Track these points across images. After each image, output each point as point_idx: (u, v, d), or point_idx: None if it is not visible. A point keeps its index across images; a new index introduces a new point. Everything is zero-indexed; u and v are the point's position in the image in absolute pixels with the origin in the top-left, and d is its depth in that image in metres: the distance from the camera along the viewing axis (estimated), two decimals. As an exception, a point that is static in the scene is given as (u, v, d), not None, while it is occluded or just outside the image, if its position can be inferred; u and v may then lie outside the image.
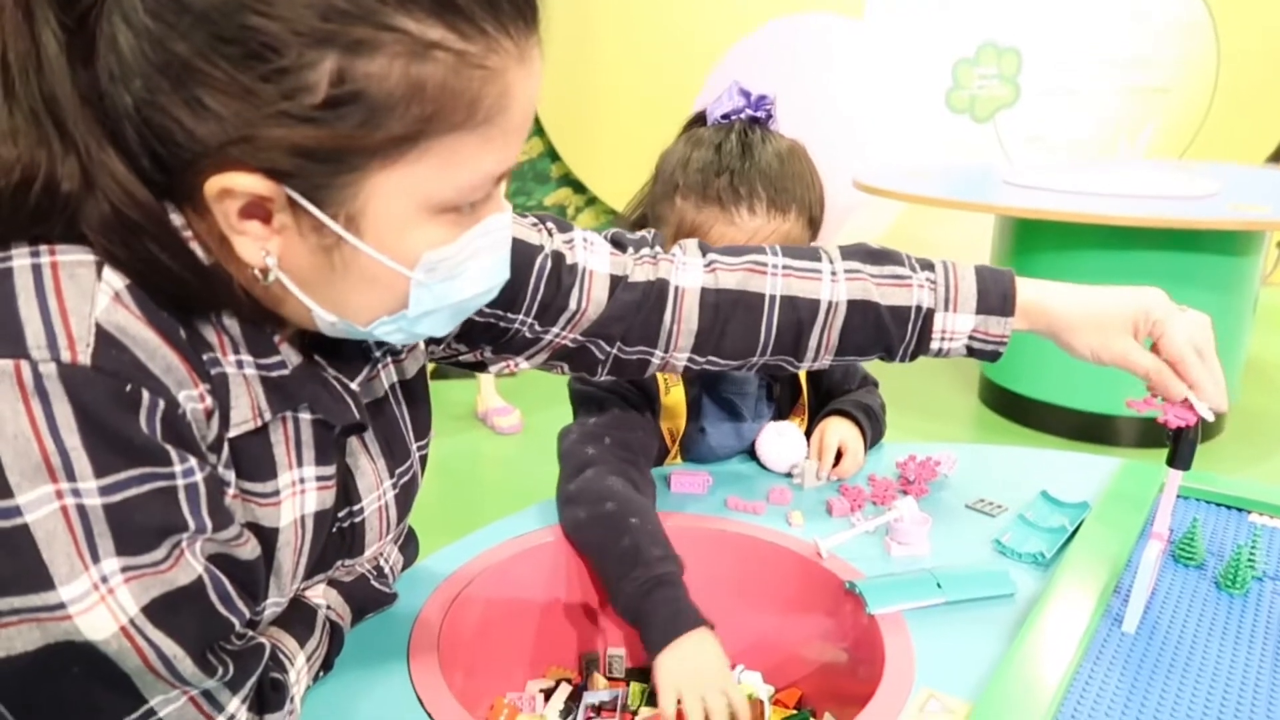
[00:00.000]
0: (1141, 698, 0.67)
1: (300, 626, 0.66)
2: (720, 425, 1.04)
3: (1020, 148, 4.09)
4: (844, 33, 3.82)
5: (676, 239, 0.91)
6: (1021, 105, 4.01)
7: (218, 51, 0.45)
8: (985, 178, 3.26)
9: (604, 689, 0.88)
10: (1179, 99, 4.06)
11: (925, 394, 3.41)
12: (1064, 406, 2.98)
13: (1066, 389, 2.95)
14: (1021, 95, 4.00)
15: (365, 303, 0.55)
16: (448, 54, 0.48)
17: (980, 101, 3.99)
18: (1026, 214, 2.79)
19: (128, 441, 0.46)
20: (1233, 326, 2.88)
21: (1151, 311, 0.76)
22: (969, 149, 4.01)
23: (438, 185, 0.51)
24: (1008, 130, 4.05)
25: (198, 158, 0.47)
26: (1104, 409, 2.94)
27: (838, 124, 3.88)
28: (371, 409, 0.70)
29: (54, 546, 0.45)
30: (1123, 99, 4.06)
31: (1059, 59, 3.98)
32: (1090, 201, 2.73)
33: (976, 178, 3.29)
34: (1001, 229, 3.16)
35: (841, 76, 3.86)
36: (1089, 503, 0.93)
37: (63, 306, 0.46)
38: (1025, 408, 3.10)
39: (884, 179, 3.10)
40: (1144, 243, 2.73)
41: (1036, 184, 3.00)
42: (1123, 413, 2.94)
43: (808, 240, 1.00)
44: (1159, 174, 3.16)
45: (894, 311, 0.79)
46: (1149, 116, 4.06)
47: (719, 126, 1.00)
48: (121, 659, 0.47)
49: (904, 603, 0.78)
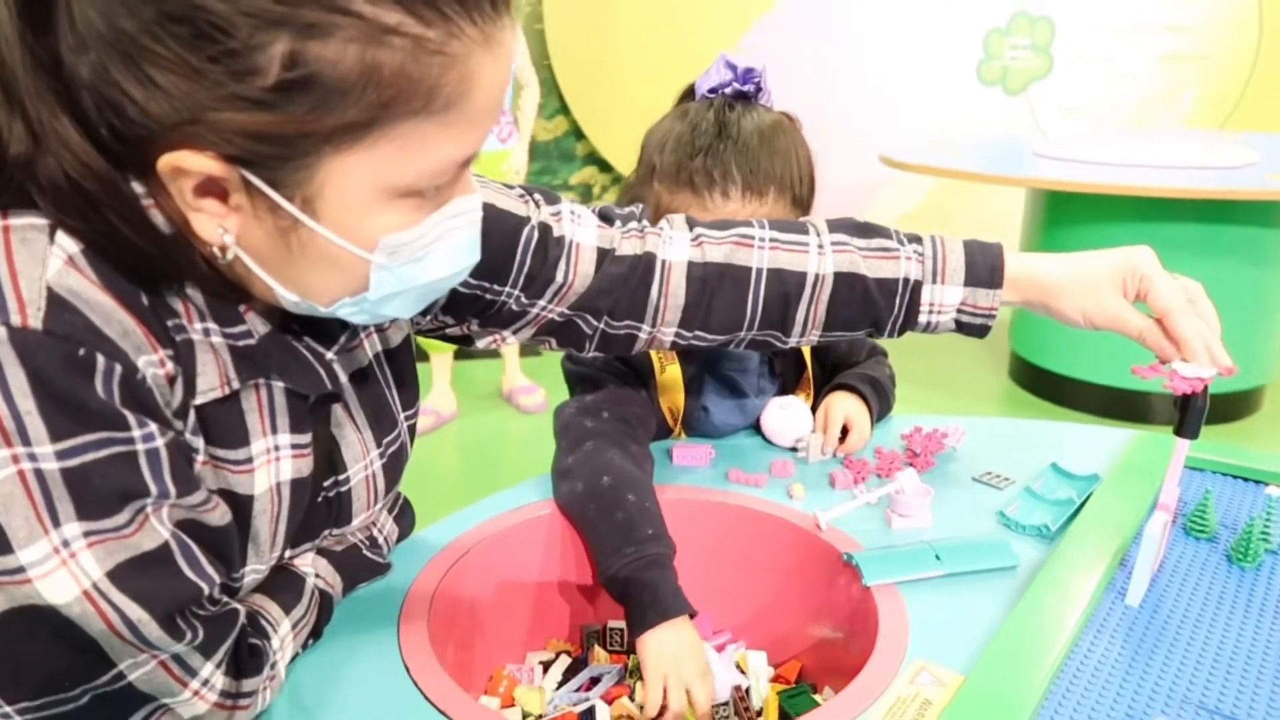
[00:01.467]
0: (1141, 671, 0.65)
1: (286, 594, 0.66)
2: (722, 402, 1.03)
3: (1055, 120, 3.99)
4: (871, 4, 3.75)
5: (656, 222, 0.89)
6: (1055, 76, 3.92)
7: (166, 30, 0.44)
8: (1015, 150, 3.19)
9: (605, 662, 0.88)
10: (1219, 66, 3.94)
11: (953, 371, 3.37)
12: (1095, 383, 2.93)
13: (1098, 364, 2.89)
14: (1055, 66, 3.90)
15: (325, 284, 0.54)
16: (405, 39, 0.46)
17: (1012, 73, 3.90)
18: (1055, 186, 2.74)
19: (82, 406, 0.46)
20: (1269, 300, 2.81)
21: (1138, 267, 0.73)
22: (1001, 122, 3.92)
23: (396, 171, 0.50)
24: (1041, 102, 3.96)
25: (151, 134, 0.47)
26: (1137, 384, 2.87)
27: (866, 99, 3.83)
28: (356, 379, 0.69)
29: (12, 510, 0.45)
30: (1160, 67, 3.94)
31: (1093, 27, 3.87)
32: (1122, 173, 2.66)
33: (1006, 151, 3.22)
34: (1033, 203, 3.09)
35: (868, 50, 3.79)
36: (1100, 475, 0.91)
37: (13, 270, 0.46)
38: (1056, 384, 3.05)
39: (910, 153, 3.05)
40: (1178, 214, 2.66)
41: (1067, 156, 2.93)
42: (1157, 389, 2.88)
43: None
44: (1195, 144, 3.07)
45: (881, 284, 0.77)
46: (1187, 85, 3.95)
47: (703, 102, 0.97)
48: (85, 623, 0.47)
49: (900, 575, 0.76)
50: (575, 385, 0.98)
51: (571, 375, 0.99)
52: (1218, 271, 2.73)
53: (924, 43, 3.81)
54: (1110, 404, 2.90)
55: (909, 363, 3.77)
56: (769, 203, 0.92)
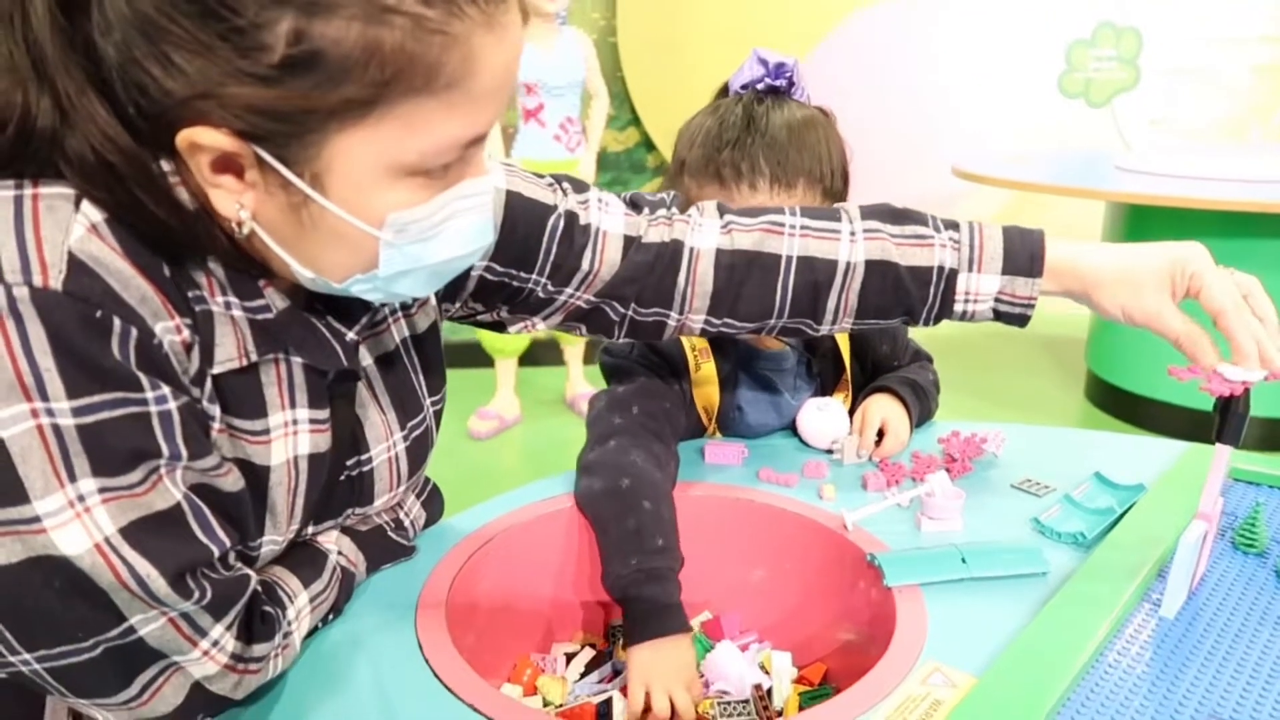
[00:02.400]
0: (1169, 684, 0.62)
1: (307, 569, 0.68)
2: (758, 402, 1.02)
3: (1141, 133, 3.86)
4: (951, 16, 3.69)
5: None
6: (1142, 88, 3.79)
7: (179, 9, 0.47)
8: (1094, 163, 3.10)
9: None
10: (1319, 78, 3.77)
11: (1028, 389, 3.28)
12: (1178, 405, 2.81)
13: (1177, 386, 2.77)
14: (1142, 77, 3.78)
15: (337, 260, 0.56)
16: (405, 18, 0.48)
17: (1096, 85, 3.79)
18: (1130, 199, 2.65)
19: (97, 365, 0.48)
20: (1369, 321, 2.66)
21: (1188, 264, 0.70)
22: (1083, 135, 3.82)
23: (400, 148, 0.51)
24: (1126, 115, 3.84)
25: (169, 110, 0.49)
26: (1221, 408, 2.76)
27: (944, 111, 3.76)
28: (382, 362, 0.71)
29: (29, 462, 0.47)
30: (1255, 79, 3.79)
31: (1184, 37, 3.74)
32: (1205, 186, 2.56)
33: (1084, 163, 3.14)
34: (1112, 216, 3.00)
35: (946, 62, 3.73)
36: (1145, 486, 0.88)
37: (39, 235, 0.48)
38: (1134, 405, 2.94)
39: (984, 165, 2.99)
40: (1265, 230, 2.55)
41: (1149, 169, 2.84)
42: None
43: None
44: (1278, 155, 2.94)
45: (914, 272, 0.76)
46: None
47: (734, 97, 0.97)
48: (96, 575, 0.49)
49: (923, 577, 0.75)
50: (610, 377, 0.99)
51: (607, 367, 1.00)
52: (1310, 290, 2.61)
53: (1004, 54, 3.73)
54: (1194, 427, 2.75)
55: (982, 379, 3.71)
56: (798, 195, 0.92)
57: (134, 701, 0.54)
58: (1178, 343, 0.71)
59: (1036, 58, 3.76)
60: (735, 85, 0.99)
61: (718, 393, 1.01)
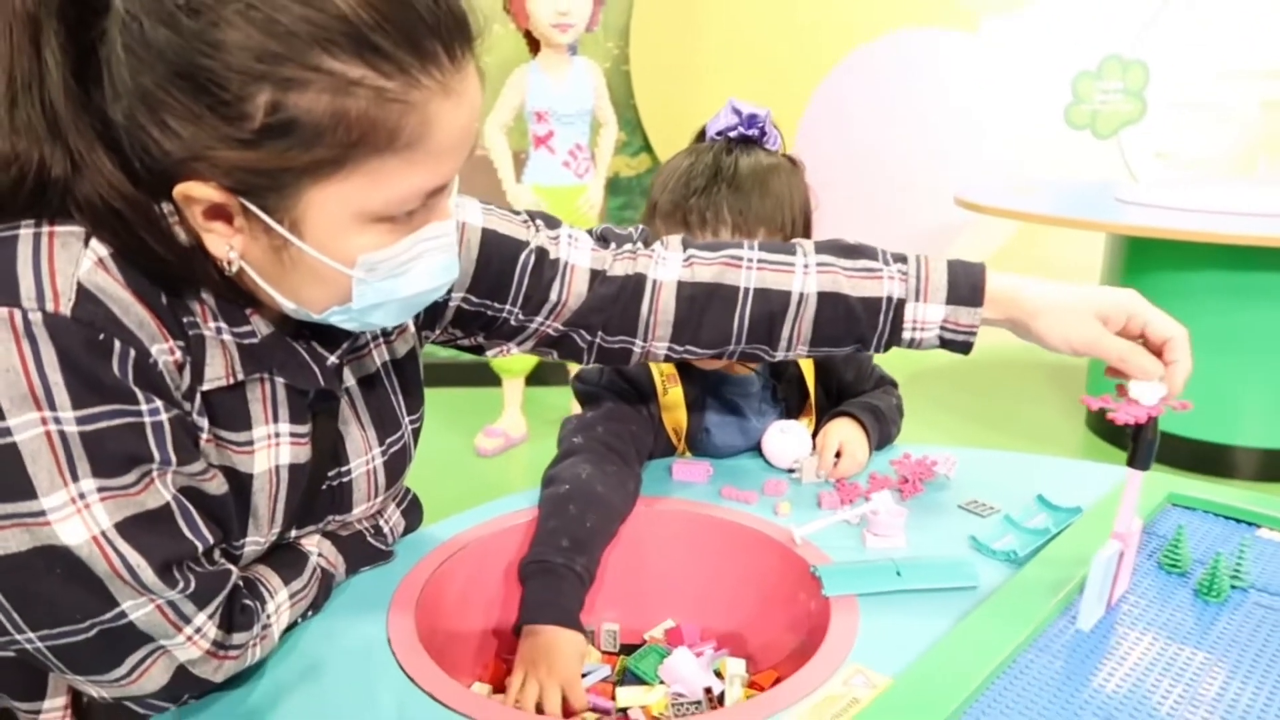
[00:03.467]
0: (1074, 689, 0.67)
1: (289, 569, 0.74)
2: (724, 425, 1.08)
3: (1147, 165, 3.90)
4: (957, 49, 3.75)
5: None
6: (1149, 120, 3.84)
7: (174, 84, 0.54)
8: (1097, 195, 3.15)
9: (597, 661, 0.94)
10: (1327, 113, 3.80)
11: (1030, 417, 3.31)
12: (1177, 435, 2.83)
13: (1180, 416, 2.80)
14: (1149, 110, 3.82)
15: (315, 294, 0.63)
16: (368, 90, 0.55)
17: (1102, 117, 3.84)
18: (1130, 231, 2.70)
19: (99, 381, 0.56)
20: (1364, 354, 2.68)
21: (1129, 306, 0.76)
22: (1090, 166, 3.86)
23: (367, 199, 0.58)
24: (1133, 147, 3.88)
25: (167, 167, 0.57)
26: (1221, 439, 2.78)
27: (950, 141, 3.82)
28: (364, 383, 0.78)
29: (38, 463, 0.54)
30: (1263, 113, 3.82)
31: (1191, 71, 3.79)
32: (1204, 219, 2.61)
33: (1087, 195, 3.18)
34: (1113, 248, 3.04)
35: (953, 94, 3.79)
36: (1083, 508, 0.93)
37: (52, 268, 0.56)
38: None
39: (988, 196, 3.04)
40: (1263, 263, 2.59)
41: (1150, 201, 2.88)
42: (1241, 442, 2.78)
43: None
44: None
45: (865, 302, 0.81)
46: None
47: (706, 144, 1.04)
48: (92, 563, 0.56)
49: (859, 588, 0.80)
50: (583, 403, 1.05)
51: (579, 393, 1.06)
52: (1307, 323, 2.63)
53: (1010, 85, 3.79)
54: (1193, 458, 2.80)
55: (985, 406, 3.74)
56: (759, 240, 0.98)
57: (124, 680, 0.60)
58: (1121, 361, 0.75)
59: (1043, 89, 3.82)
60: (711, 131, 1.06)
61: (685, 415, 1.07)
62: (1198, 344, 0.77)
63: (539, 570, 0.85)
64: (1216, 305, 2.70)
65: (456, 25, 0.58)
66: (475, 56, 0.60)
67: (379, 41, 0.55)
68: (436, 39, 0.57)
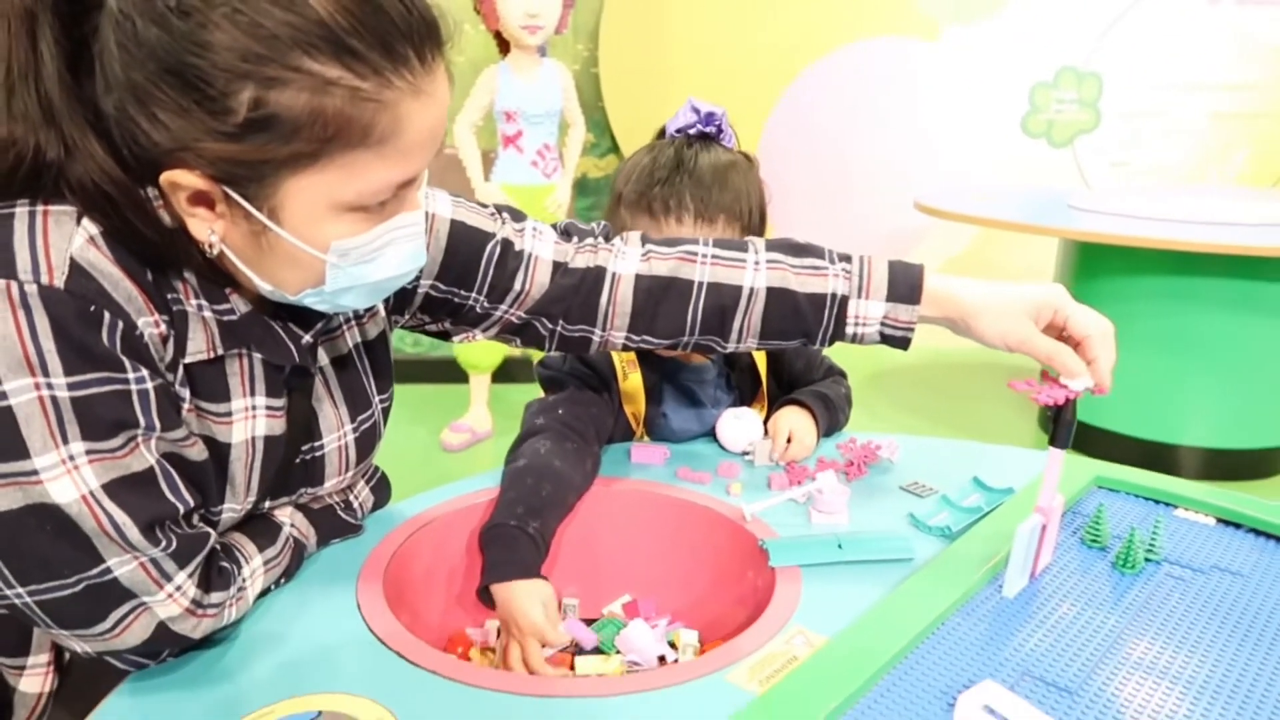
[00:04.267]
0: (996, 648, 0.73)
1: (263, 537, 0.78)
2: (680, 410, 1.13)
3: (1102, 174, 4.02)
4: (918, 56, 3.85)
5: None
6: (1103, 130, 3.96)
7: (164, 80, 0.58)
8: (1051, 202, 3.24)
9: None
10: (1273, 124, 3.93)
11: (986, 420, 3.39)
12: (1126, 435, 2.93)
13: (1128, 417, 2.90)
14: (1103, 120, 3.94)
15: (291, 277, 0.67)
16: (344, 89, 0.60)
17: (1058, 126, 3.95)
18: (1082, 237, 2.78)
19: (90, 350, 0.59)
20: (1303, 357, 2.79)
21: (1054, 301, 0.81)
22: (1047, 174, 3.97)
23: (341, 190, 0.63)
24: (1088, 156, 4.00)
25: (154, 156, 0.61)
26: (1166, 438, 2.88)
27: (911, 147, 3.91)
28: (336, 363, 0.82)
29: (31, 425, 0.58)
30: (1213, 125, 3.95)
31: (1143, 83, 3.91)
32: (1152, 226, 2.70)
33: (1042, 201, 3.27)
34: (1065, 253, 3.14)
35: (915, 100, 3.88)
36: (1015, 489, 0.99)
37: (47, 243, 0.60)
38: (1087, 436, 3.05)
39: (945, 201, 3.12)
40: (1210, 269, 2.69)
41: (1101, 208, 2.98)
42: (1186, 442, 2.88)
43: None
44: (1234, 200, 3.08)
45: (811, 298, 0.86)
46: (1240, 142, 3.95)
47: (668, 140, 1.10)
48: (81, 521, 0.60)
49: (803, 559, 0.86)
50: (546, 387, 1.10)
51: (543, 379, 1.11)
52: (1249, 328, 2.74)
53: (969, 95, 3.88)
54: (1141, 457, 2.89)
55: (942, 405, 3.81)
56: (718, 228, 1.04)
57: (108, 634, 0.64)
58: (1049, 359, 0.81)
59: (1001, 98, 3.92)
60: (671, 129, 1.11)
61: (644, 401, 1.12)
62: (1144, 346, 0.83)
63: (496, 535, 0.90)
64: (1163, 309, 2.79)
65: (428, 30, 0.63)
66: (445, 60, 0.64)
67: (355, 45, 0.59)
68: (408, 43, 0.61)
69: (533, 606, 0.85)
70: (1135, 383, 2.86)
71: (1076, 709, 0.66)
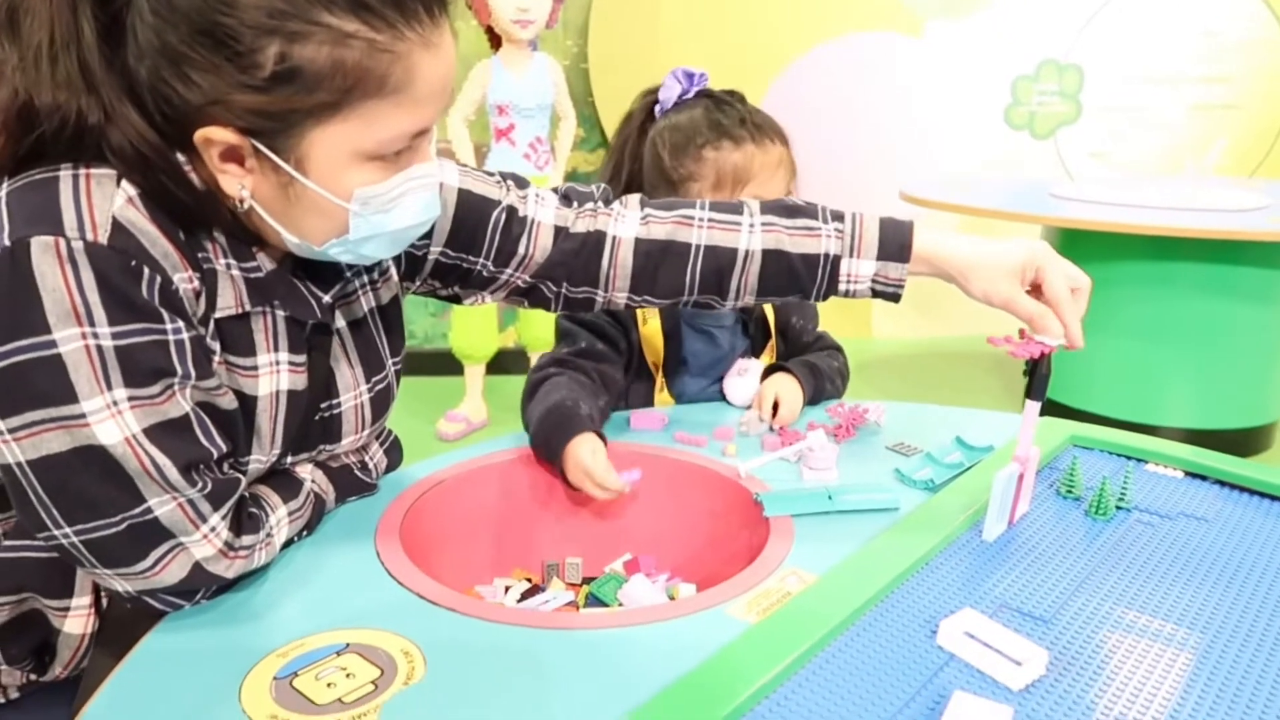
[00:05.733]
0: (975, 584, 0.78)
1: (286, 490, 0.83)
2: (700, 355, 1.22)
3: (1083, 165, 4.09)
4: (903, 51, 3.90)
5: (718, 188, 1.15)
6: (1084, 122, 4.02)
7: (196, 40, 0.63)
8: (1034, 191, 3.30)
9: (561, 590, 1.03)
10: (1249, 116, 4.01)
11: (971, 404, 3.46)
12: (1108, 416, 2.99)
13: (1109, 399, 2.97)
14: (1084, 112, 4.01)
15: (317, 227, 0.72)
16: (361, 41, 0.65)
17: (1040, 118, 4.02)
18: (1064, 223, 2.84)
19: (131, 302, 0.64)
20: (1278, 340, 2.86)
21: (1036, 258, 0.85)
22: (1029, 165, 4.04)
23: (361, 139, 0.68)
24: (1069, 147, 4.07)
25: (188, 115, 0.65)
26: (1147, 419, 2.94)
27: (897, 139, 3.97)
28: (352, 325, 0.87)
29: (79, 372, 0.63)
30: (1191, 116, 4.03)
31: (1123, 76, 3.98)
32: (1131, 213, 2.76)
33: (1026, 191, 3.34)
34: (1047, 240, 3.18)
35: (900, 94, 3.94)
36: (995, 447, 1.04)
37: (90, 203, 0.64)
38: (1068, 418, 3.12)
39: (929, 191, 3.18)
40: (1188, 254, 2.75)
41: (1082, 197, 3.04)
42: (1166, 423, 2.94)
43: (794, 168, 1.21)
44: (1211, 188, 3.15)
45: (805, 259, 0.91)
46: (1218, 134, 4.02)
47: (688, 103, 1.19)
48: (125, 462, 0.65)
49: (796, 509, 0.91)
50: (561, 338, 1.18)
51: (560, 329, 1.19)
52: (1225, 310, 2.81)
53: (953, 89, 3.95)
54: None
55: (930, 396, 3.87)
56: (778, 149, 1.18)
57: (148, 572, 0.69)
58: (1030, 320, 0.84)
59: (984, 91, 3.98)
60: (667, 102, 1.18)
61: (663, 345, 1.19)
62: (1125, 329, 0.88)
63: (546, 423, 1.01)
64: (1143, 294, 2.86)
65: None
66: (450, 18, 0.69)
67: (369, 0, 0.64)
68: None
69: (584, 456, 0.98)
70: (1116, 365, 2.93)
71: (1050, 635, 0.71)
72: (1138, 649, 0.69)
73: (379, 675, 0.65)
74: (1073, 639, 0.70)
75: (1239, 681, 0.65)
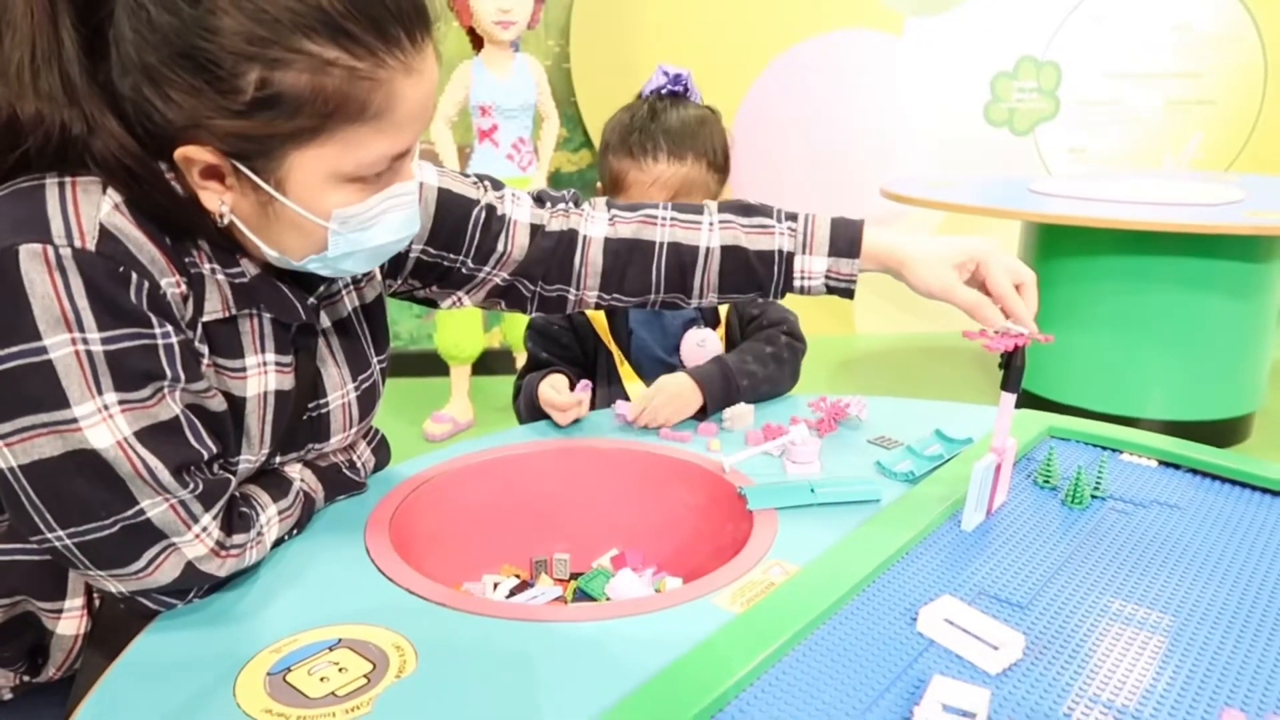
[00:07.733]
0: (954, 573, 0.80)
1: (276, 489, 0.84)
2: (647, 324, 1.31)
3: (1061, 160, 4.13)
4: (883, 49, 3.93)
5: (610, 188, 1.23)
6: (1062, 118, 4.07)
7: (176, 63, 0.64)
8: (1013, 187, 3.34)
9: (549, 586, 1.04)
10: (1225, 111, 4.07)
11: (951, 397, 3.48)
12: (1086, 409, 3.03)
13: (1088, 392, 3.00)
14: (1062, 108, 4.06)
15: (296, 244, 0.73)
16: (342, 69, 0.65)
17: (1019, 114, 4.06)
18: (1042, 219, 2.88)
19: (120, 307, 0.65)
20: (1255, 332, 2.91)
21: (976, 255, 0.88)
22: (1009, 161, 4.08)
23: (341, 162, 0.69)
24: (1048, 143, 4.11)
25: (169, 132, 0.66)
26: (1126, 411, 2.98)
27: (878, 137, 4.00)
28: (337, 326, 0.88)
29: (69, 377, 0.63)
30: (1168, 112, 4.08)
31: (1100, 72, 4.03)
32: (1107, 208, 2.80)
33: (1005, 187, 3.37)
34: (1026, 236, 3.23)
35: (881, 92, 3.97)
36: (974, 439, 1.06)
37: (78, 211, 0.65)
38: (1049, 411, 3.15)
39: (909, 188, 3.21)
40: (1163, 248, 2.79)
41: (1060, 192, 3.08)
42: (1145, 415, 2.98)
43: (711, 180, 1.26)
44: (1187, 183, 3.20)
45: (760, 255, 0.94)
46: (1194, 129, 4.08)
47: (644, 99, 1.29)
48: (117, 465, 0.65)
49: (779, 502, 0.92)
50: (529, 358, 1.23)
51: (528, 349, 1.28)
52: (1202, 304, 2.85)
53: (933, 86, 3.98)
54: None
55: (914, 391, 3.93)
56: (688, 164, 1.23)
57: (141, 573, 0.70)
58: (969, 310, 0.88)
59: (964, 88, 4.02)
60: (646, 91, 1.29)
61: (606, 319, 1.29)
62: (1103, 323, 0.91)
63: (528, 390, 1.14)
64: (1121, 287, 2.90)
65: (417, 13, 0.69)
66: (433, 40, 0.70)
67: (350, 28, 0.65)
68: (399, 25, 0.67)
69: (544, 387, 1.12)
70: (1095, 359, 2.97)
71: (1026, 620, 0.73)
72: (1111, 632, 0.71)
73: (371, 669, 0.66)
74: (1049, 624, 0.72)
75: (1208, 663, 0.67)
